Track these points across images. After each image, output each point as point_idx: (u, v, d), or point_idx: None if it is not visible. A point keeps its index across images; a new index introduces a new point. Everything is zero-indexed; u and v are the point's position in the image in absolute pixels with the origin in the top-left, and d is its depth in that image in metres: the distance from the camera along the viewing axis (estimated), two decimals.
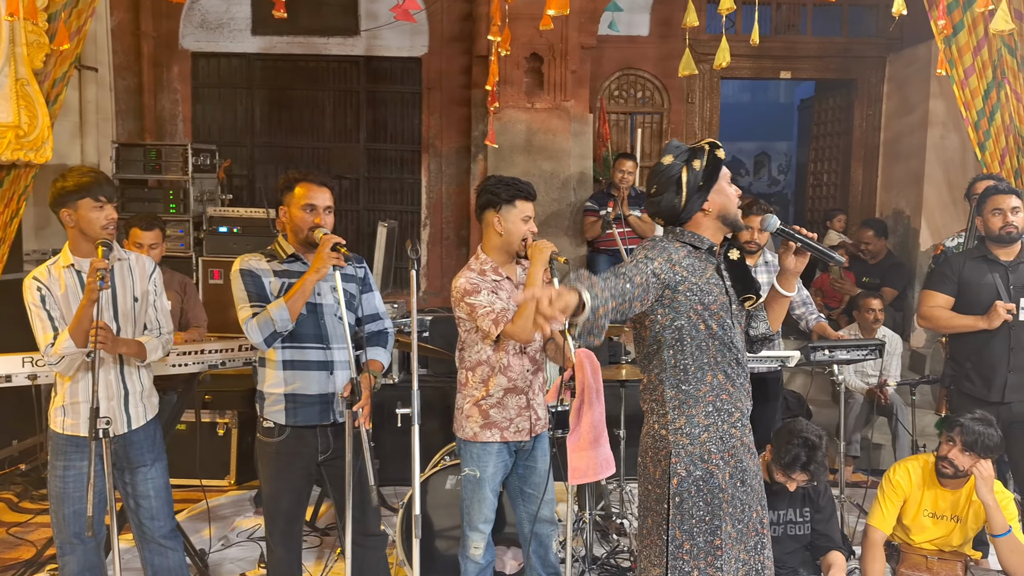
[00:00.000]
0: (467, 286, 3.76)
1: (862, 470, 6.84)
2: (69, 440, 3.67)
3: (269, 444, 3.75)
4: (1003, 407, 4.61)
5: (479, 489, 3.90)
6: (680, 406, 3.02)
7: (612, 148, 9.11)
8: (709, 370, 3.03)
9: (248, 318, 3.58)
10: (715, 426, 3.02)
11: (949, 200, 8.35)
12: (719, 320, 3.02)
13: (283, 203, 3.75)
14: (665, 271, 2.94)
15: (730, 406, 3.06)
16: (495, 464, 3.90)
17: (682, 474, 2.98)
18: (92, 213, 3.60)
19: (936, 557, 4.42)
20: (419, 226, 9.44)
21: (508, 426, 3.88)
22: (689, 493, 2.98)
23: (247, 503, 5.95)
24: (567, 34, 8.17)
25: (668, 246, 3.02)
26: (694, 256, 3.04)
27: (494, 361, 3.86)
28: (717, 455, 3.01)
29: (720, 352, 3.03)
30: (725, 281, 3.10)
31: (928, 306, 4.83)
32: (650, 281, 2.88)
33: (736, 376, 3.08)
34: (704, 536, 2.98)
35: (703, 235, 3.08)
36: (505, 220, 3.82)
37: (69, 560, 3.74)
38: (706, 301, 2.99)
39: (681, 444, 3.00)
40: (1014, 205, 4.61)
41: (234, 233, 7.35)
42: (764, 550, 3.10)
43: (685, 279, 2.97)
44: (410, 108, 9.40)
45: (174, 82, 9.06)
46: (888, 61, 9.49)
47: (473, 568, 3.99)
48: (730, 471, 3.03)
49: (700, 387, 3.02)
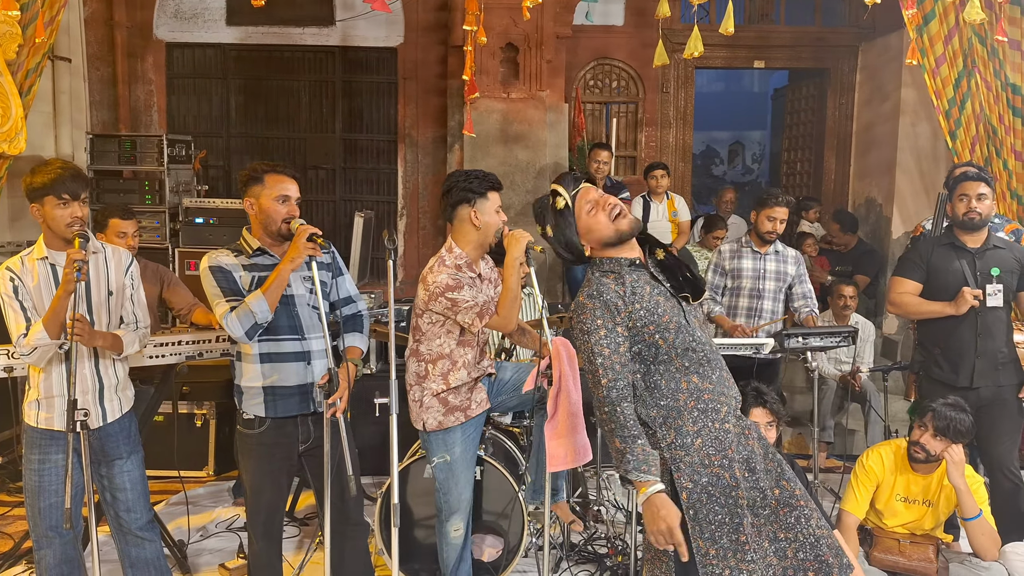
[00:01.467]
0: (449, 282, 3.77)
1: (836, 456, 6.92)
2: (44, 434, 3.66)
3: (250, 436, 3.74)
4: (971, 392, 4.65)
5: (452, 472, 3.95)
6: (666, 421, 2.99)
7: (587, 138, 9.14)
8: (682, 378, 3.01)
9: (226, 313, 3.54)
10: (706, 429, 2.98)
11: (921, 188, 8.43)
12: (675, 327, 3.00)
13: (249, 195, 3.69)
14: (619, 319, 2.97)
15: (714, 404, 3.02)
16: (462, 442, 3.95)
17: (689, 486, 2.94)
18: (56, 211, 3.57)
19: (908, 541, 4.47)
20: (396, 216, 9.44)
21: (469, 405, 3.95)
22: (701, 502, 2.94)
23: (225, 494, 5.95)
24: (542, 24, 8.17)
25: (603, 289, 3.02)
26: (625, 282, 3.03)
27: (457, 355, 3.90)
28: (717, 456, 2.97)
29: (684, 357, 3.01)
30: (664, 285, 3.10)
31: (897, 292, 4.88)
32: (620, 353, 2.96)
33: (710, 372, 3.05)
34: (728, 536, 2.93)
35: (618, 257, 3.08)
36: (481, 213, 3.85)
37: (46, 554, 3.73)
38: (656, 318, 2.99)
39: (678, 458, 2.96)
40: (981, 192, 4.65)
41: (210, 224, 7.33)
42: (810, 520, 3.00)
43: (634, 311, 2.98)
44: (386, 98, 9.39)
45: (148, 72, 9.01)
46: (860, 50, 9.56)
47: (454, 552, 4.05)
48: (737, 465, 2.98)
49: (678, 397, 3.00)
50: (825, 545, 2.98)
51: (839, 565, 2.97)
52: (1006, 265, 4.71)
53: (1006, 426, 4.74)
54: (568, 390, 3.65)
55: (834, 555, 2.98)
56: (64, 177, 3.59)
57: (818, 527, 3.01)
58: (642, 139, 9.68)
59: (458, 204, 3.87)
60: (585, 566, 4.86)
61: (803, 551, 2.97)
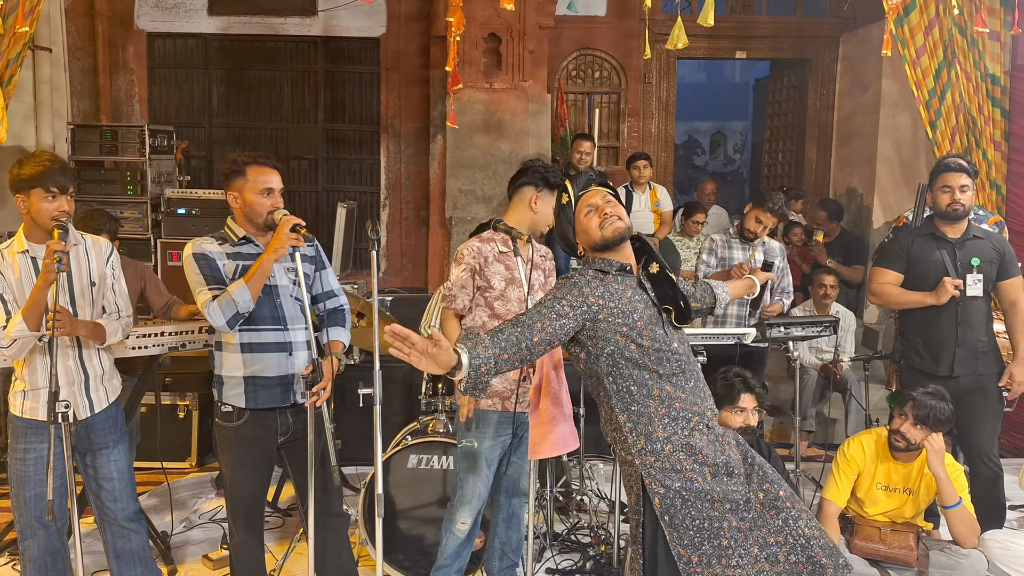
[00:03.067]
0: (463, 251, 3.98)
1: (817, 445, 6.97)
2: (29, 424, 3.65)
3: (228, 429, 3.71)
4: (951, 381, 4.68)
5: (475, 461, 3.96)
6: (636, 427, 2.99)
7: (570, 128, 9.14)
8: (654, 385, 3.00)
9: (208, 301, 3.51)
10: (676, 435, 2.97)
11: (901, 178, 8.48)
12: (650, 334, 3.00)
13: (232, 188, 3.67)
14: (576, 307, 2.95)
15: (686, 412, 3.01)
16: (493, 436, 3.96)
17: (660, 491, 2.94)
18: (43, 204, 3.56)
19: (889, 528, 4.51)
20: (378, 207, 9.42)
21: (509, 396, 3.95)
22: (675, 507, 2.93)
23: (208, 485, 5.95)
24: (525, 14, 8.16)
25: (578, 280, 3.04)
26: (607, 281, 3.04)
27: (490, 328, 3.92)
28: (688, 460, 2.96)
29: (659, 364, 3.00)
30: (649, 294, 3.09)
31: (879, 283, 4.91)
32: (556, 324, 2.90)
33: (684, 382, 3.04)
34: (709, 542, 2.92)
35: (611, 259, 3.10)
36: (542, 202, 3.96)
37: (30, 544, 3.72)
38: (630, 321, 2.98)
39: (648, 463, 2.96)
40: (963, 183, 4.67)
41: (192, 215, 7.30)
42: (798, 521, 2.99)
43: (602, 307, 2.97)
44: (368, 88, 9.36)
45: (130, 63, 8.95)
46: (841, 41, 9.59)
47: (453, 543, 4.04)
48: (710, 470, 2.97)
49: (649, 404, 2.99)
50: (817, 546, 2.96)
51: (834, 565, 2.96)
52: (986, 255, 4.75)
53: (986, 414, 4.78)
54: (551, 380, 3.67)
55: (828, 555, 2.96)
56: (53, 170, 3.57)
57: (808, 527, 2.99)
58: (624, 129, 9.69)
59: (527, 184, 3.98)
60: (568, 555, 4.88)
61: (795, 554, 2.95)
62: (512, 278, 3.95)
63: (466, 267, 3.93)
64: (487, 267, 3.94)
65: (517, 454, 4.10)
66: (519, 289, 3.94)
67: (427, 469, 4.50)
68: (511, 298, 3.95)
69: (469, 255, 3.95)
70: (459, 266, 3.95)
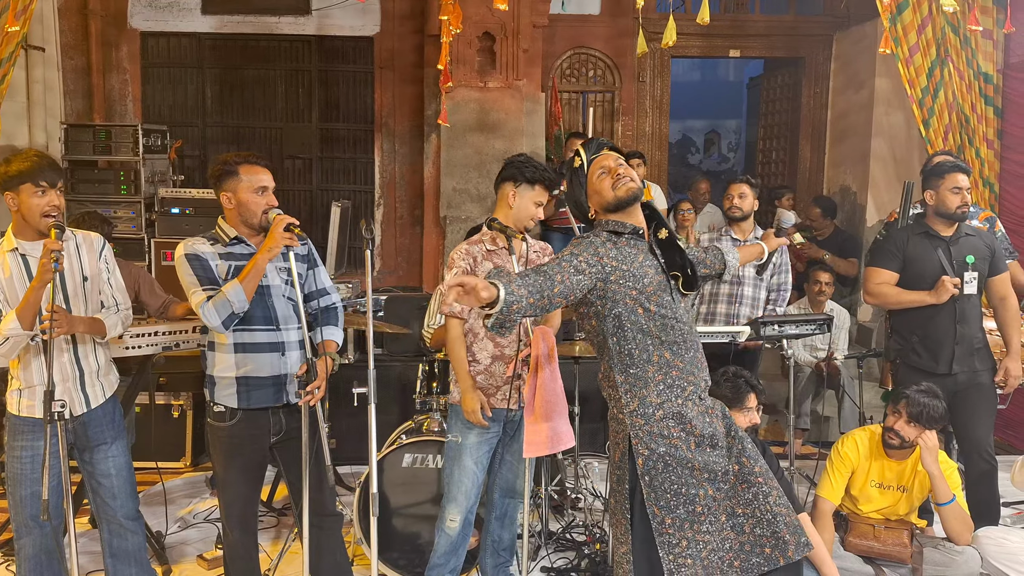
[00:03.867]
0: (453, 256, 4.00)
1: (811, 442, 6.98)
2: (26, 421, 3.65)
3: (221, 429, 3.71)
4: (949, 378, 4.70)
5: (460, 457, 3.97)
6: (631, 389, 3.09)
7: (564, 127, 9.14)
8: (654, 350, 3.09)
9: (203, 302, 3.51)
10: (669, 403, 3.07)
11: (895, 176, 8.48)
12: (657, 300, 3.08)
13: (225, 189, 3.64)
14: (591, 265, 3.01)
15: (681, 381, 3.10)
16: (479, 432, 3.97)
17: (645, 453, 3.04)
18: (33, 199, 3.55)
19: (883, 526, 4.53)
20: (373, 206, 9.41)
21: (495, 392, 3.98)
22: (657, 470, 3.03)
23: (203, 484, 5.94)
24: (519, 13, 8.15)
25: (594, 240, 3.11)
26: (620, 244, 3.11)
27: (478, 328, 3.98)
28: (676, 428, 3.06)
29: (662, 331, 3.08)
30: (659, 259, 3.16)
31: (875, 283, 4.88)
32: (574, 279, 2.95)
33: (684, 351, 3.13)
34: (684, 507, 3.03)
35: (624, 221, 3.17)
36: (520, 196, 3.96)
37: (26, 543, 3.72)
38: (640, 285, 3.06)
39: (638, 425, 3.06)
40: (968, 185, 4.71)
41: (186, 214, 7.30)
42: (768, 497, 3.08)
43: (615, 268, 3.04)
44: (362, 87, 9.36)
45: (123, 62, 8.93)
46: (835, 39, 9.59)
47: (445, 542, 4.04)
48: (695, 440, 3.07)
49: (647, 368, 3.08)
50: (783, 522, 3.06)
51: (796, 543, 3.06)
52: (979, 252, 4.76)
53: (983, 409, 4.79)
54: (545, 377, 3.67)
55: (791, 532, 3.06)
56: (42, 165, 3.57)
57: (776, 504, 3.09)
58: (619, 128, 9.69)
59: (505, 180, 3.99)
60: (564, 554, 4.88)
61: (760, 527, 3.06)
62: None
63: (458, 271, 3.93)
64: (477, 267, 3.94)
65: (511, 453, 4.11)
66: None
67: (422, 468, 4.50)
68: None
69: (459, 258, 3.97)
70: (451, 271, 3.96)
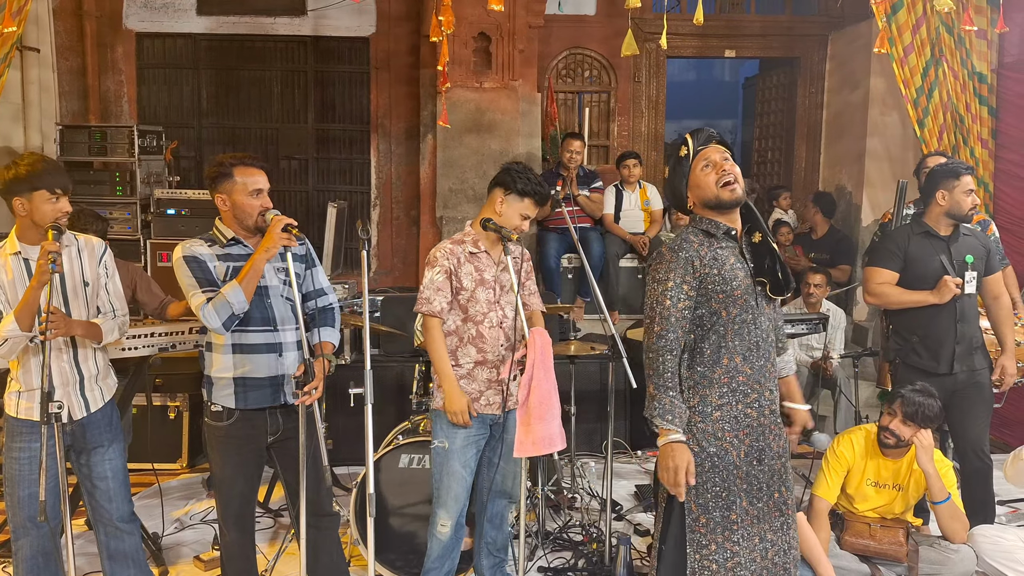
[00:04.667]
0: (435, 255, 3.95)
1: (807, 442, 6.98)
2: (24, 424, 3.65)
3: (218, 428, 3.71)
4: (949, 378, 4.71)
5: (447, 461, 3.94)
6: (695, 386, 3.11)
7: (560, 127, 9.14)
8: (726, 353, 3.09)
9: (203, 304, 3.51)
10: (729, 406, 3.09)
11: (890, 176, 8.49)
12: (743, 304, 3.08)
13: (220, 191, 3.64)
14: (690, 279, 3.06)
15: (746, 387, 3.11)
16: (465, 436, 3.94)
17: (695, 450, 3.06)
18: (46, 205, 3.56)
19: (879, 525, 4.54)
20: (369, 206, 9.41)
21: (479, 398, 3.94)
22: (703, 468, 3.06)
23: (199, 486, 5.94)
24: (514, 13, 8.15)
25: (686, 245, 3.11)
26: (713, 245, 3.11)
27: (463, 332, 3.94)
28: (731, 433, 3.08)
29: (739, 336, 3.09)
30: (748, 264, 3.15)
31: (876, 283, 4.86)
32: (684, 304, 3.06)
33: (755, 359, 3.12)
34: (720, 511, 3.06)
35: (718, 220, 3.15)
36: (508, 205, 3.94)
37: (23, 544, 3.71)
38: (728, 288, 3.06)
39: (694, 422, 3.09)
40: (973, 187, 4.74)
41: (182, 215, 7.29)
42: (790, 530, 3.17)
43: (709, 274, 3.06)
44: (358, 88, 9.35)
45: (119, 63, 8.92)
46: (830, 39, 9.61)
47: (438, 547, 4.01)
48: (745, 449, 3.09)
49: (715, 369, 3.09)
50: (793, 557, 3.18)
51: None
52: (976, 252, 4.77)
53: (980, 408, 4.79)
54: (539, 379, 3.67)
55: (794, 567, 3.18)
56: (54, 171, 3.59)
57: (794, 539, 3.20)
58: (614, 128, 9.70)
59: (497, 185, 3.98)
60: (560, 554, 4.89)
61: (779, 556, 3.13)
62: (481, 279, 3.94)
63: (440, 269, 3.90)
64: (460, 268, 3.92)
65: (499, 456, 4.08)
66: (488, 290, 3.94)
67: (419, 468, 4.50)
68: (480, 299, 3.93)
69: (443, 257, 3.93)
70: (433, 268, 3.91)
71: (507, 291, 3.99)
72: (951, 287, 4.63)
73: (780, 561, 3.12)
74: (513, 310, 3.98)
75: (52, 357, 3.54)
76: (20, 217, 3.61)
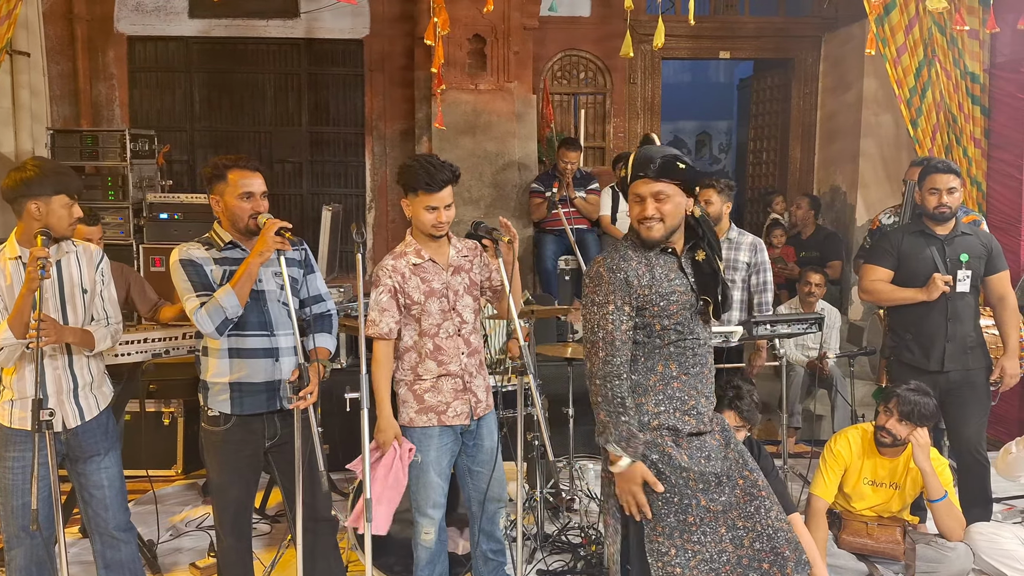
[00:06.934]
0: (378, 274, 3.85)
1: (804, 441, 6.99)
2: (17, 433, 3.62)
3: (215, 433, 3.69)
4: (941, 376, 4.74)
5: (423, 474, 3.87)
6: (630, 394, 3.07)
7: (556, 129, 9.14)
8: (660, 361, 3.08)
9: (197, 308, 3.49)
10: (666, 413, 3.07)
11: (884, 176, 8.52)
12: (679, 318, 3.07)
13: (214, 192, 3.65)
14: (630, 299, 3.04)
15: (682, 394, 3.09)
16: (437, 447, 3.86)
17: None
18: (65, 210, 3.55)
19: (876, 523, 4.55)
20: (364, 209, 9.40)
21: (445, 410, 3.85)
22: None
23: (195, 493, 5.92)
24: (509, 15, 8.16)
25: (623, 264, 3.08)
26: (652, 263, 3.10)
27: (420, 347, 3.84)
28: (669, 437, 3.06)
29: (674, 344, 3.08)
30: (689, 279, 3.14)
31: (870, 280, 4.93)
32: (627, 326, 3.04)
33: (691, 366, 3.12)
34: (675, 515, 3.03)
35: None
36: (412, 208, 3.91)
37: (17, 554, 3.69)
38: (664, 303, 3.05)
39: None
40: (951, 185, 4.70)
41: (175, 219, 7.26)
42: (770, 512, 3.10)
43: (646, 294, 3.05)
44: (352, 90, 9.34)
45: (110, 66, 8.90)
46: (824, 40, 9.63)
47: (425, 554, 3.97)
48: (687, 453, 3.07)
49: (649, 377, 3.08)
50: (783, 538, 3.07)
51: (796, 560, 3.06)
52: (974, 251, 4.79)
53: (975, 408, 4.81)
54: (395, 467, 3.74)
55: (791, 549, 3.07)
56: (72, 175, 3.60)
57: (777, 520, 3.10)
58: (610, 130, 9.70)
59: (405, 192, 3.92)
60: (559, 556, 4.87)
61: (759, 541, 3.06)
62: (430, 289, 3.82)
63: (383, 288, 3.80)
64: (406, 283, 3.81)
65: (477, 463, 4.00)
66: (439, 299, 3.82)
67: None
68: (432, 311, 3.82)
69: (384, 275, 3.82)
70: (376, 288, 3.80)
71: (461, 296, 3.88)
72: (939, 284, 4.66)
73: (764, 547, 3.05)
74: (472, 313, 3.91)
75: (46, 364, 3.51)
76: (29, 221, 3.57)
